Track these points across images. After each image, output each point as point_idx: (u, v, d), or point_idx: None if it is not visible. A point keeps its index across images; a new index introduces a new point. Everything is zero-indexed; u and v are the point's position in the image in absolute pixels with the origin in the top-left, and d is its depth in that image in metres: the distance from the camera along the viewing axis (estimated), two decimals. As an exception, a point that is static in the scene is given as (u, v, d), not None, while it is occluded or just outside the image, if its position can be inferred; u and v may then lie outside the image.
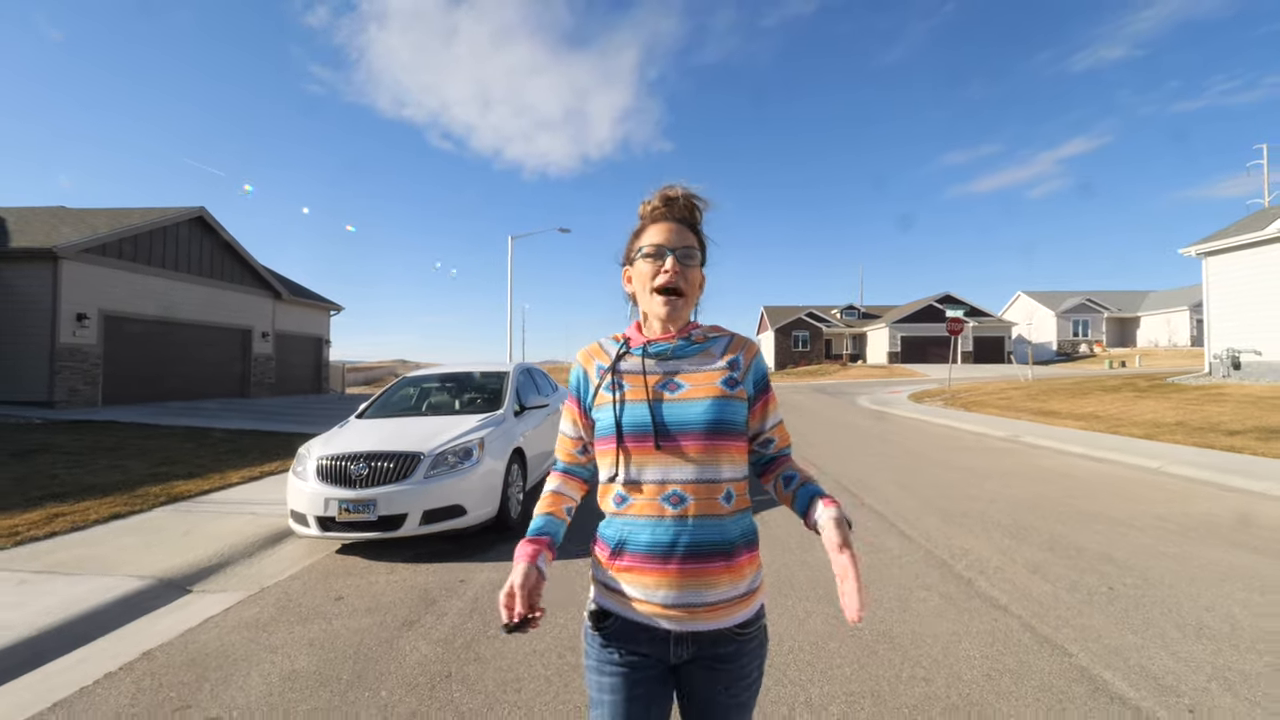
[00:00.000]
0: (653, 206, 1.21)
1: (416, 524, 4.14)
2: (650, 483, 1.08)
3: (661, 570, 1.05)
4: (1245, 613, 3.13)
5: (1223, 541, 4.36)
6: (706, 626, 1.06)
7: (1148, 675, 2.51)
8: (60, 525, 4.79)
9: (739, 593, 1.07)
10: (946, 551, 4.17)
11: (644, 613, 1.07)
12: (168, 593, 3.71)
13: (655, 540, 1.06)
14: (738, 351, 1.17)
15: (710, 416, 1.09)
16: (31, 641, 2.97)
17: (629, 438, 1.09)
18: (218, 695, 2.49)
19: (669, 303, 1.14)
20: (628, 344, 1.19)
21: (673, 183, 1.22)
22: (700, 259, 1.19)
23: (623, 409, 1.10)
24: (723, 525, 1.07)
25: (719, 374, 1.13)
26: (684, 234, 1.17)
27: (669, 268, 1.13)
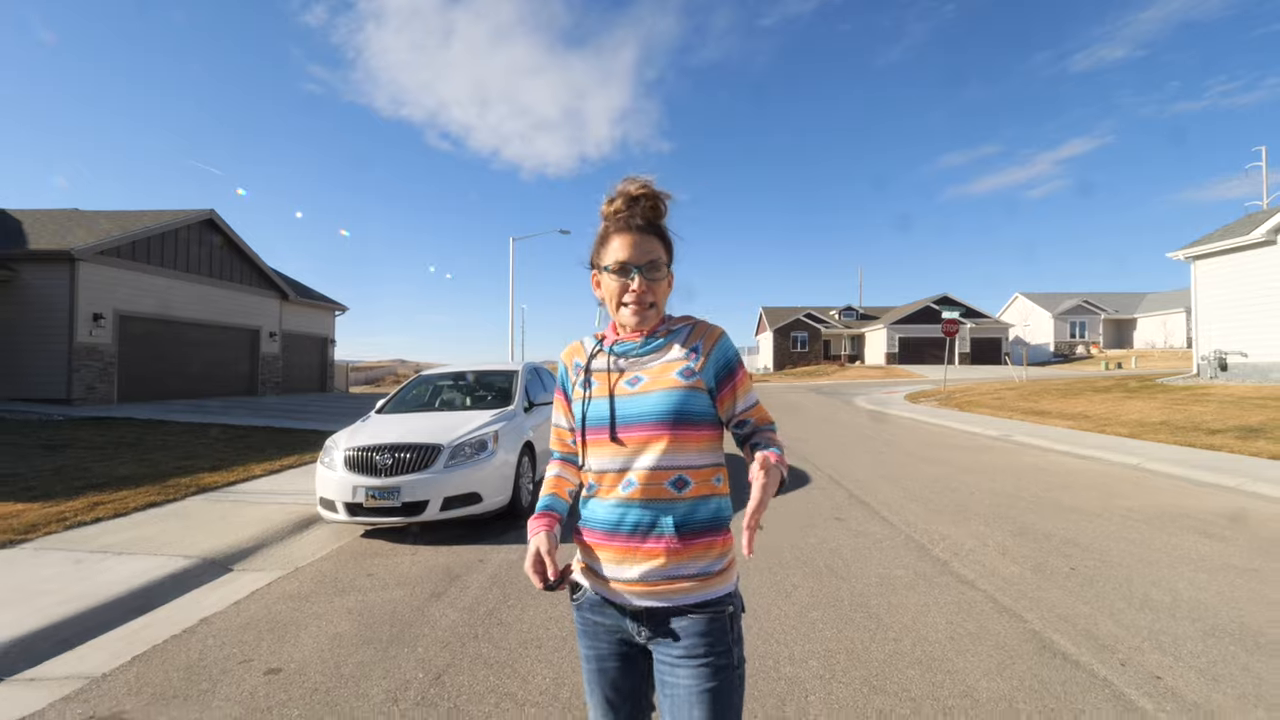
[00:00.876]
0: (615, 209, 1.19)
1: (437, 510, 4.50)
2: (610, 470, 1.14)
3: (609, 544, 1.12)
4: (1189, 588, 3.48)
5: (1184, 530, 4.71)
6: (657, 603, 1.10)
7: (1091, 637, 2.86)
8: (103, 512, 5.14)
9: (690, 572, 1.10)
10: (925, 537, 4.52)
11: (598, 584, 1.16)
12: (212, 570, 4.07)
13: (606, 518, 1.13)
14: (699, 339, 1.18)
15: (663, 407, 1.12)
16: (100, 609, 3.32)
17: (591, 430, 1.16)
18: (275, 652, 2.84)
19: (638, 319, 1.17)
20: (601, 343, 1.24)
21: (634, 175, 1.20)
22: (667, 262, 1.20)
23: (588, 405, 1.17)
24: (669, 507, 1.10)
25: (676, 365, 1.16)
26: (648, 244, 1.16)
27: (636, 288, 1.15)
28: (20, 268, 13.10)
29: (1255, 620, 3.04)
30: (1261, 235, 13.37)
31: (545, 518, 1.21)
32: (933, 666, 2.60)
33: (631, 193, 1.18)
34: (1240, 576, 3.66)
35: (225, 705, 2.39)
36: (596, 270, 1.22)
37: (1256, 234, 13.48)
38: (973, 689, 2.41)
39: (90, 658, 2.87)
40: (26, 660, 2.83)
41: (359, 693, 2.45)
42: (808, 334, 48.04)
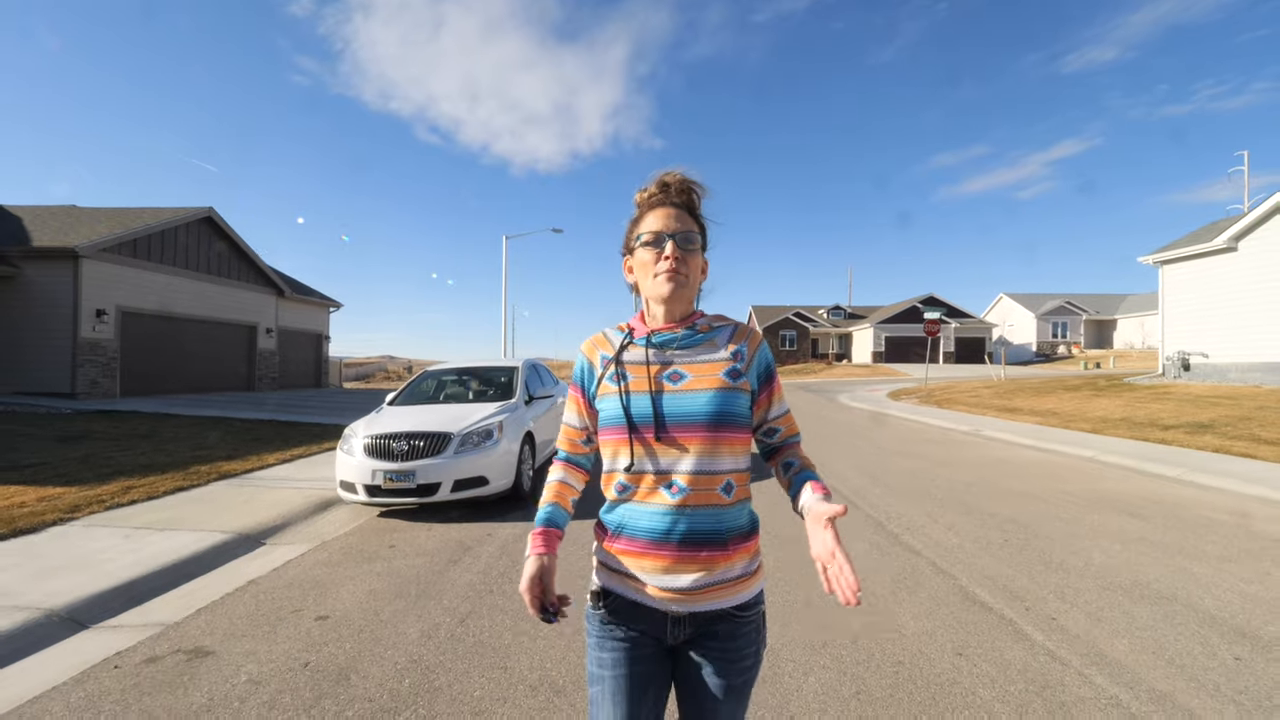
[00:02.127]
0: (649, 193, 1.20)
1: (448, 491, 5.00)
2: (651, 472, 1.09)
3: (657, 555, 1.07)
4: (1101, 556, 4.06)
5: (1114, 511, 5.30)
6: (701, 608, 1.08)
7: (1007, 591, 3.43)
8: (136, 495, 5.58)
9: (733, 576, 1.09)
10: (884, 516, 5.08)
11: (641, 592, 1.10)
12: (247, 544, 4.54)
13: (653, 526, 1.08)
14: (742, 341, 1.17)
15: (712, 408, 1.08)
16: (156, 574, 3.79)
17: (636, 429, 1.10)
18: (320, 603, 3.34)
19: (671, 288, 1.13)
20: (631, 334, 1.19)
21: (670, 168, 1.22)
22: (701, 244, 1.18)
23: (628, 400, 1.11)
24: (720, 514, 1.08)
25: (722, 365, 1.12)
26: (683, 218, 1.16)
27: (669, 253, 1.12)
28: (24, 265, 13.36)
29: (1147, 578, 3.62)
30: (1223, 242, 14.13)
31: (545, 535, 1.15)
32: (874, 612, 3.14)
33: (665, 179, 1.20)
34: (1149, 547, 4.25)
35: (288, 641, 2.88)
36: (629, 254, 1.21)
37: (1219, 241, 14.23)
38: (902, 627, 2.96)
39: (159, 611, 3.35)
40: (106, 613, 3.31)
41: (398, 632, 2.95)
42: (796, 333, 48.78)
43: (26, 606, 3.19)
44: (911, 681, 2.46)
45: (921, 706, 2.28)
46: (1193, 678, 2.48)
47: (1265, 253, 13.41)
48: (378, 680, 2.50)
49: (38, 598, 3.31)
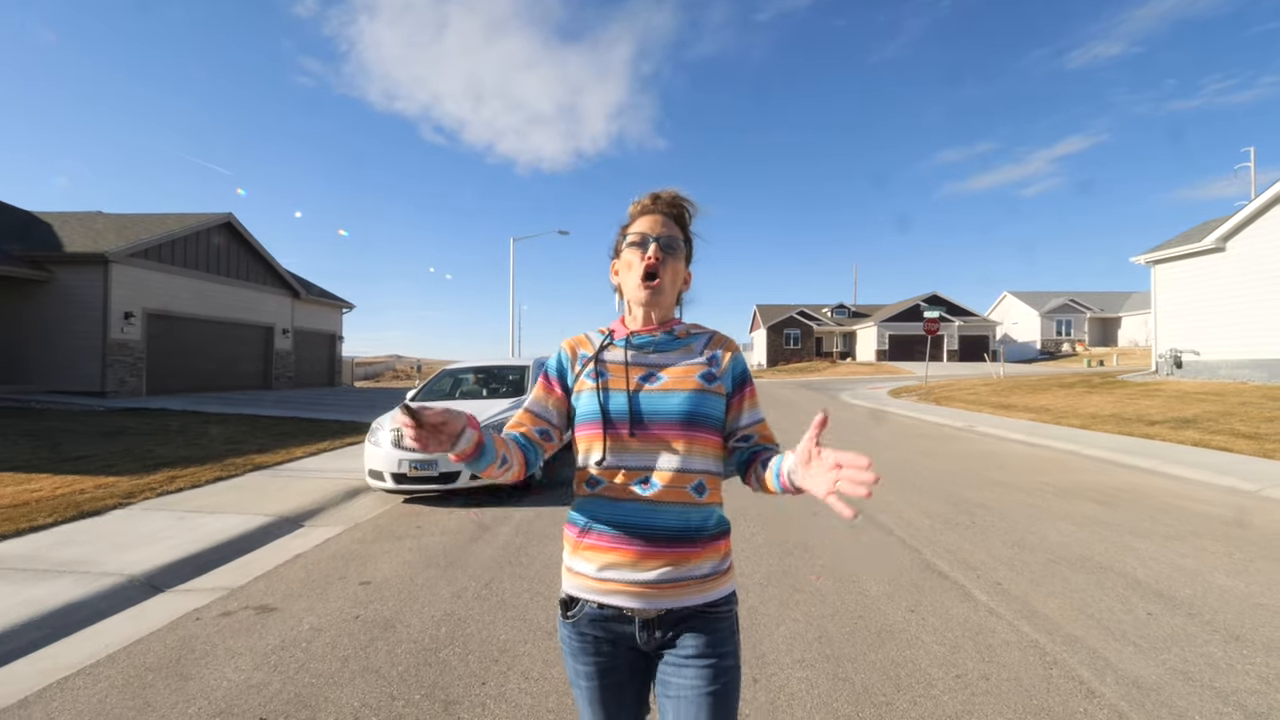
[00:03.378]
0: (641, 204, 1.25)
1: (467, 479, 5.49)
2: (624, 468, 1.11)
3: (624, 549, 1.09)
4: (1058, 536, 4.50)
5: (1082, 499, 5.73)
6: (670, 603, 1.09)
7: (965, 563, 3.88)
8: (182, 483, 6.11)
9: (701, 573, 1.10)
10: (870, 504, 5.53)
11: (606, 590, 1.10)
12: (288, 525, 5.05)
13: (619, 519, 1.10)
14: (717, 348, 1.21)
15: (687, 408, 1.12)
16: (213, 549, 4.30)
17: (610, 424, 1.12)
18: (361, 572, 3.84)
19: (649, 288, 1.17)
20: (611, 335, 1.23)
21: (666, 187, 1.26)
22: (685, 254, 1.24)
23: (605, 397, 1.14)
24: (689, 513, 1.10)
25: (698, 368, 1.16)
26: (669, 226, 1.21)
27: (651, 254, 1.16)
28: (56, 269, 14.01)
29: (1092, 553, 4.06)
30: (1211, 243, 14.43)
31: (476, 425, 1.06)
32: (842, 579, 3.60)
33: (658, 193, 1.25)
34: (1104, 528, 4.68)
35: (339, 600, 3.38)
36: (616, 258, 1.26)
37: (1208, 241, 14.54)
38: (866, 590, 3.42)
39: (222, 578, 3.86)
40: (176, 579, 3.82)
41: (432, 593, 3.44)
42: (800, 331, 49.09)
43: (111, 573, 3.71)
44: (866, 629, 2.93)
45: (871, 646, 2.75)
46: (1106, 628, 2.93)
47: (1252, 253, 13.71)
48: (418, 628, 2.99)
49: (117, 566, 3.82)
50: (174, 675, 2.59)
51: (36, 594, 3.35)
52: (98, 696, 2.43)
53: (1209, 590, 3.40)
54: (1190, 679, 2.46)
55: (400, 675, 2.54)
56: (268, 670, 2.61)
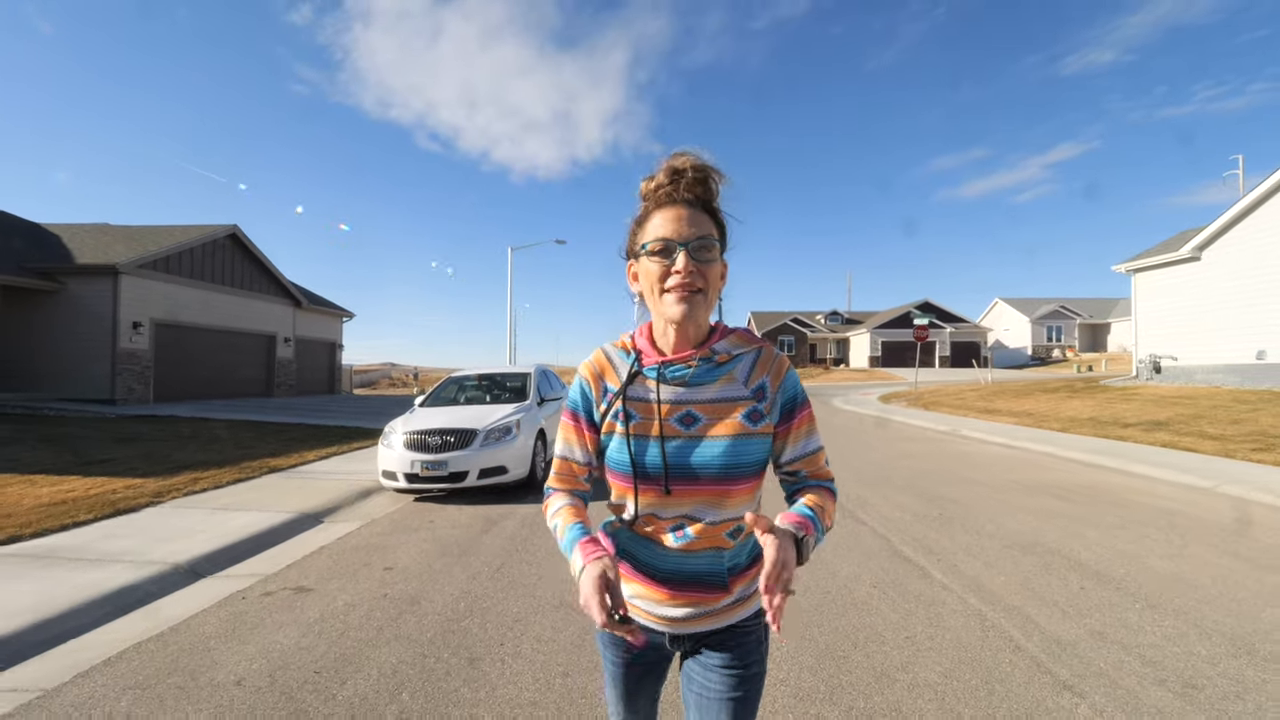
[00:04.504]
0: (657, 184, 1.02)
1: (475, 478, 5.90)
2: (656, 517, 1.04)
3: (654, 587, 1.06)
4: (1016, 526, 4.93)
5: (1046, 494, 6.17)
6: (696, 630, 1.07)
7: (928, 549, 4.30)
8: (204, 484, 6.49)
9: (731, 601, 1.06)
10: (845, 496, 5.96)
11: (634, 611, 1.09)
12: (308, 521, 5.43)
13: (653, 563, 1.06)
14: (765, 373, 1.05)
15: (726, 460, 1.00)
16: (243, 542, 4.68)
17: (643, 479, 1.03)
18: (383, 559, 4.24)
19: (685, 306, 0.98)
20: (639, 360, 1.06)
21: (682, 150, 1.03)
22: (720, 247, 1.02)
23: (633, 445, 1.02)
24: (723, 556, 1.04)
25: (742, 406, 1.02)
26: (697, 220, 0.99)
27: (680, 267, 0.97)
28: (67, 280, 14.37)
29: (1044, 540, 4.49)
30: (1188, 252, 15.00)
31: (594, 542, 0.99)
32: (816, 563, 4.02)
33: (677, 166, 1.02)
34: (1060, 519, 5.11)
35: (367, 582, 3.78)
36: (633, 259, 1.07)
37: (1184, 250, 15.11)
38: (837, 571, 3.84)
39: (256, 566, 4.25)
40: (215, 567, 4.21)
41: (450, 576, 3.85)
42: (794, 338, 49.64)
43: (157, 561, 4.10)
44: (833, 601, 3.35)
45: (836, 615, 3.17)
46: (1042, 599, 3.35)
47: (1225, 262, 14.27)
48: (441, 604, 3.39)
49: (160, 555, 4.21)
50: (233, 640, 2.98)
51: (94, 578, 3.74)
52: (170, 656, 2.83)
53: (1141, 570, 3.83)
54: (1104, 637, 2.89)
55: (429, 640, 2.94)
56: (313, 636, 3.01)
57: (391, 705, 2.37)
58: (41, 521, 4.89)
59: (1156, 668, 2.59)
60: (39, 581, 3.67)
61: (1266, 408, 11.01)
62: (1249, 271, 13.72)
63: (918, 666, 2.63)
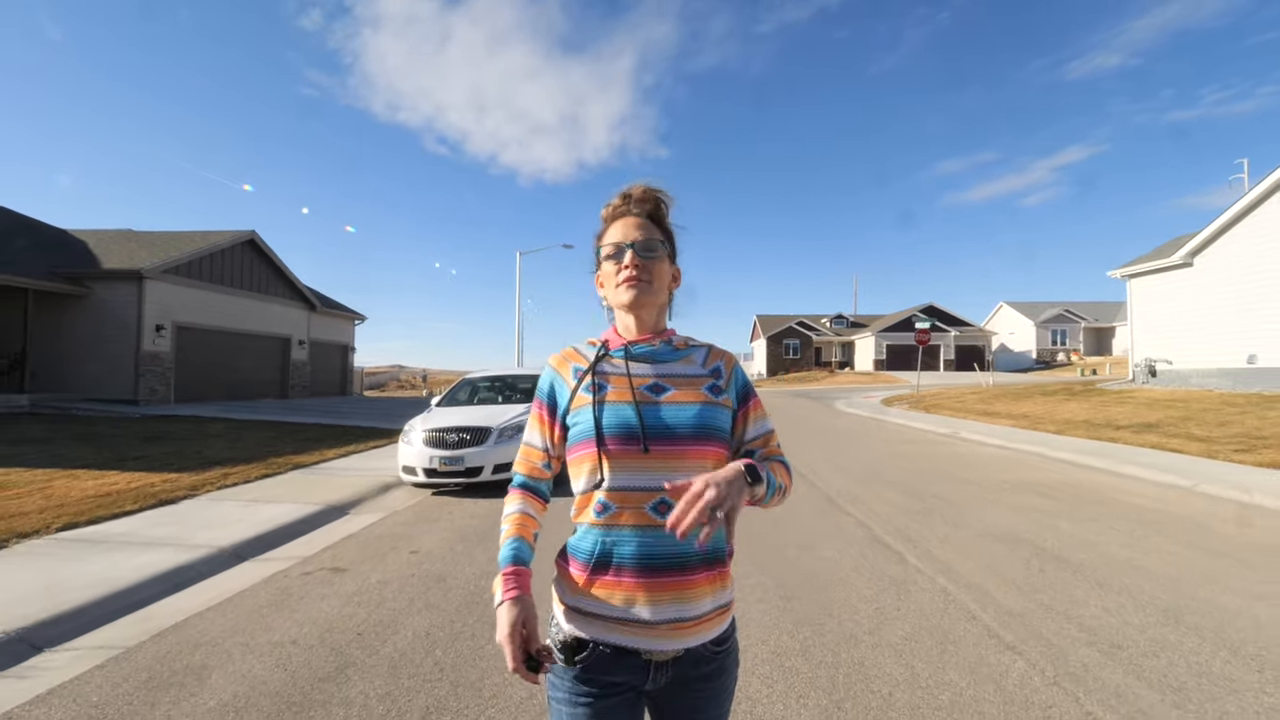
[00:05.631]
0: (613, 206, 1.18)
1: (490, 473, 6.31)
2: (637, 489, 1.02)
3: (649, 584, 1.00)
4: (995, 519, 5.28)
5: (1030, 492, 6.51)
6: (688, 643, 1.02)
7: (907, 538, 4.67)
8: (234, 479, 6.93)
9: (720, 604, 1.05)
10: (836, 493, 6.33)
11: (625, 634, 1.01)
12: (335, 513, 5.86)
13: (643, 552, 1.01)
14: (719, 360, 1.15)
15: (700, 421, 1.05)
16: (277, 530, 5.11)
17: (612, 439, 1.03)
18: (409, 544, 4.65)
19: (634, 294, 1.10)
20: (606, 346, 1.15)
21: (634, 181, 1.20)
22: (667, 252, 1.16)
23: (603, 410, 1.05)
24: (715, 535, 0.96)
25: (703, 380, 1.11)
26: (645, 227, 1.14)
27: (628, 262, 1.10)
28: (94, 285, 14.93)
29: (1017, 531, 4.85)
30: (1180, 258, 15.27)
31: (517, 575, 1.05)
32: (805, 547, 4.40)
33: (628, 191, 1.19)
34: (1037, 514, 5.46)
35: (395, 563, 4.19)
36: (598, 269, 1.20)
37: (1177, 256, 15.38)
38: (821, 555, 4.22)
39: (291, 551, 4.67)
40: (256, 550, 4.63)
41: (470, 558, 4.25)
42: (800, 341, 49.90)
43: (203, 545, 4.52)
44: (815, 580, 3.73)
45: (816, 590, 3.55)
46: (1002, 579, 3.72)
47: (1217, 268, 14.54)
48: (464, 580, 3.80)
49: (205, 540, 4.64)
50: (282, 610, 3.40)
51: (151, 559, 4.17)
52: (230, 622, 3.24)
53: (1099, 556, 4.19)
54: (1051, 609, 3.25)
55: (456, 609, 3.35)
56: (353, 606, 3.42)
57: (427, 659, 2.77)
58: (93, 511, 5.34)
59: (1090, 633, 2.96)
60: (102, 562, 4.10)
61: (1254, 410, 11.28)
62: (1240, 277, 13.98)
63: (883, 631, 3.01)
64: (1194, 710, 2.30)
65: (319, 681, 2.59)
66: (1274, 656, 2.71)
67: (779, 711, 2.33)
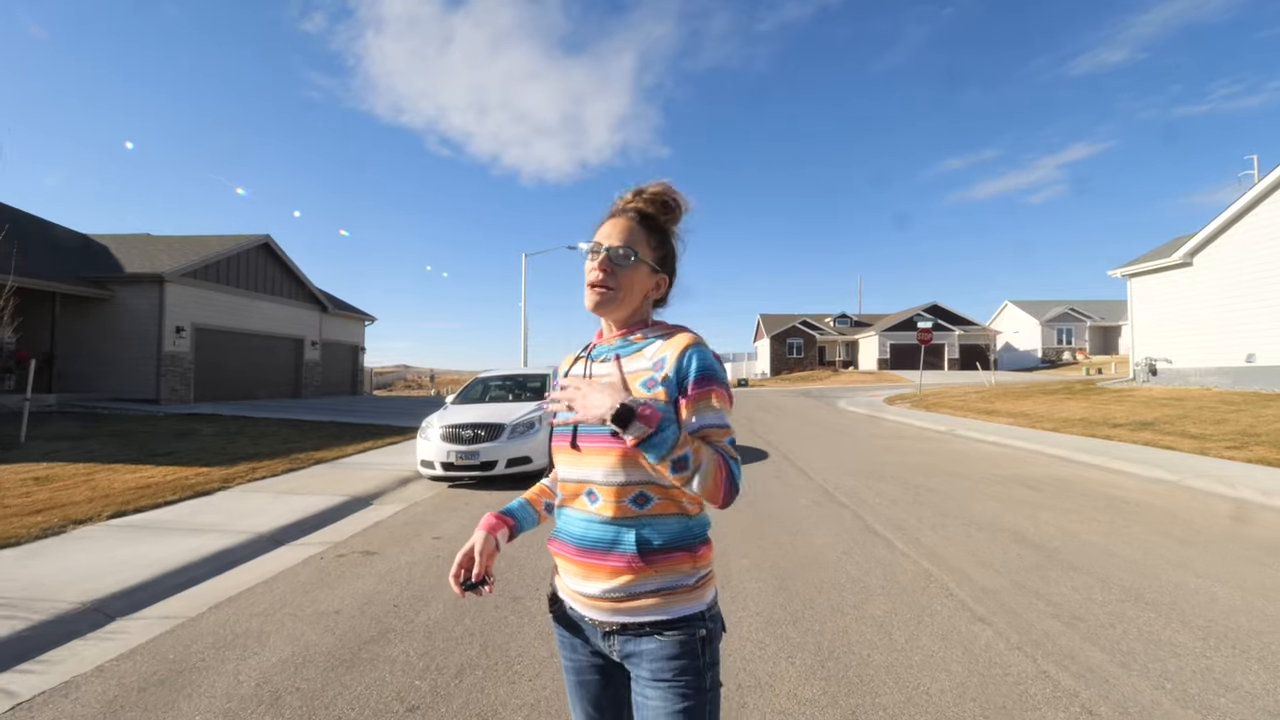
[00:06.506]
0: (620, 201, 1.19)
1: (503, 467, 6.66)
2: (572, 480, 1.13)
3: (576, 559, 1.11)
4: (981, 509, 5.58)
5: (1017, 485, 6.79)
6: (622, 619, 1.07)
7: (896, 525, 4.98)
8: (262, 473, 7.32)
9: (650, 588, 1.06)
10: (832, 486, 6.64)
11: (568, 595, 1.15)
12: (359, 504, 6.22)
13: (572, 531, 1.12)
14: (666, 350, 1.10)
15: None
16: (307, 519, 5.47)
17: (556, 437, 1.16)
18: (431, 530, 5.00)
19: (595, 300, 1.13)
20: (587, 349, 1.25)
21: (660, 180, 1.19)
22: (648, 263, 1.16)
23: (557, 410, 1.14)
24: (634, 524, 1.07)
25: (641, 374, 1.11)
26: (632, 233, 1.14)
27: (596, 265, 1.12)
28: (117, 288, 15.42)
29: (1001, 520, 5.15)
30: (1179, 258, 15.45)
31: (496, 517, 1.23)
32: (798, 533, 4.72)
33: (642, 187, 1.18)
34: (1021, 504, 5.76)
35: (421, 548, 4.54)
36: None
37: (1176, 256, 15.56)
38: (813, 541, 4.54)
39: (325, 536, 5.03)
40: (291, 536, 5.00)
41: (489, 543, 4.60)
42: (803, 340, 50.09)
43: (242, 531, 4.89)
44: (807, 562, 4.05)
45: (808, 571, 3.87)
46: (981, 563, 4.03)
47: (1216, 267, 14.71)
48: (485, 562, 4.14)
49: (244, 527, 5.00)
50: (323, 586, 3.76)
51: (198, 543, 4.54)
52: (278, 595, 3.60)
53: (1077, 543, 4.49)
54: (1023, 587, 3.56)
55: (479, 586, 3.69)
56: (387, 583, 3.77)
57: (457, 626, 3.12)
58: (137, 501, 5.72)
59: (1056, 607, 3.27)
60: (155, 545, 4.48)
61: (1249, 409, 11.48)
62: (1238, 276, 14.16)
63: (867, 605, 3.33)
64: (1138, 669, 2.60)
65: (364, 643, 2.94)
66: (1219, 628, 3.01)
67: (770, 668, 2.65)
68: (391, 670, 2.67)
